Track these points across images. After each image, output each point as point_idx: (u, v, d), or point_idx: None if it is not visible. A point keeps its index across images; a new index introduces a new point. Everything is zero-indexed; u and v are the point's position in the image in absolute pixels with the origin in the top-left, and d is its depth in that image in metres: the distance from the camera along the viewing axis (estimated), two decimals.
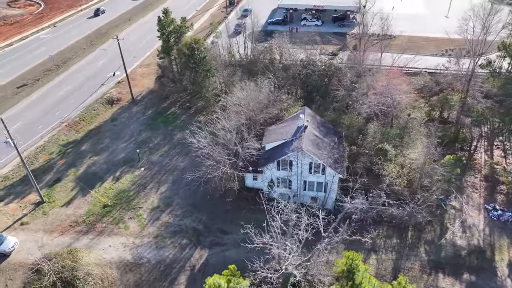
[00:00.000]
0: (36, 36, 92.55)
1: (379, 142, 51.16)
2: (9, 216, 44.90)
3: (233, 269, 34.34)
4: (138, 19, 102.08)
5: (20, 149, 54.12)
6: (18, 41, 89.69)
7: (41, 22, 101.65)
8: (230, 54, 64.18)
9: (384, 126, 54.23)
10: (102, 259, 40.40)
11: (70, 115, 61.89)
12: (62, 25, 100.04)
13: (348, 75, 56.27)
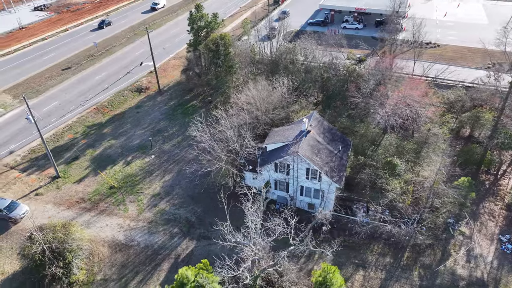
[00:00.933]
0: (90, 23, 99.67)
1: (391, 155, 48.72)
2: (27, 186, 49.40)
3: (206, 263, 35.05)
4: (184, 12, 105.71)
5: (50, 127, 59.45)
6: (73, 28, 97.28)
7: (97, 11, 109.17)
8: (252, 52, 64.38)
9: (401, 139, 51.59)
10: (97, 236, 43.13)
11: (100, 99, 66.19)
12: (115, 14, 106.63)
13: (370, 83, 53.98)
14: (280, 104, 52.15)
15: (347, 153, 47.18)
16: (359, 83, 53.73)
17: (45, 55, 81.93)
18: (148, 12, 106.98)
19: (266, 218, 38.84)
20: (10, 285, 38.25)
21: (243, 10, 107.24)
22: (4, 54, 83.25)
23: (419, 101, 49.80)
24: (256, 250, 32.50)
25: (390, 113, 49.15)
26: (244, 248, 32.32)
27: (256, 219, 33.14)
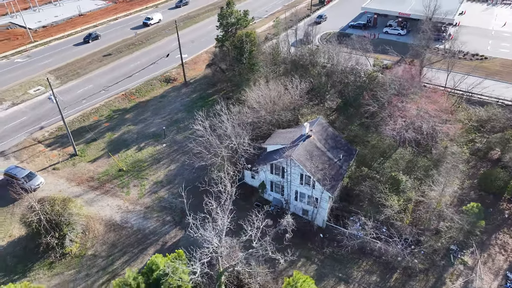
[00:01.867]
0: (137, 14, 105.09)
1: (399, 170, 46.13)
2: (48, 160, 53.78)
3: (180, 253, 35.98)
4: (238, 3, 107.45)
5: (78, 108, 63.95)
6: (123, 17, 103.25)
7: (147, 2, 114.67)
8: (275, 51, 63.96)
9: (415, 155, 48.62)
10: (96, 214, 45.95)
11: (130, 86, 69.84)
12: (163, 6, 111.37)
13: (389, 92, 51.33)
14: (290, 106, 51.48)
15: (348, 162, 45.48)
16: (377, 92, 51.31)
17: (91, 42, 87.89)
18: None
19: (251, 217, 38.78)
20: (14, 247, 42.10)
21: (285, 9, 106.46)
22: (58, 38, 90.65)
23: (437, 116, 46.47)
24: (215, 247, 32.67)
25: (403, 126, 46.47)
26: (204, 243, 32.62)
27: (223, 217, 33.26)
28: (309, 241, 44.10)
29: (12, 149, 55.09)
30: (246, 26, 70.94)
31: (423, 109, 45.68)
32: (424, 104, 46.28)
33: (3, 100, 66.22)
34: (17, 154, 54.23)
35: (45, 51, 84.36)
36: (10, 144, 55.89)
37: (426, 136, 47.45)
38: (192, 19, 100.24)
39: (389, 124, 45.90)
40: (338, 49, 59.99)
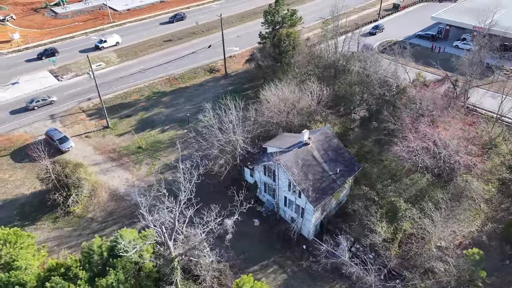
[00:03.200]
0: (209, 5, 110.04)
1: (404, 196, 42.46)
2: (84, 128, 60.32)
3: (150, 233, 38.21)
4: (297, 5, 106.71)
5: (124, 86, 70.07)
6: (194, 7, 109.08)
7: None
8: (311, 55, 62.26)
9: (431, 184, 44.14)
10: (106, 183, 50.58)
11: (175, 72, 74.26)
12: None
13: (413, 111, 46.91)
14: (306, 111, 50.24)
15: (346, 178, 43.08)
16: (400, 108, 47.29)
17: (159, 27, 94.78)
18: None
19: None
20: (33, 198, 48.47)
21: (353, 12, 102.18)
22: (133, 21, 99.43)
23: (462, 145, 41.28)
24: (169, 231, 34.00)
25: (416, 149, 42.34)
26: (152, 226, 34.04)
27: (174, 207, 34.36)
28: (289, 250, 43.22)
29: (61, 113, 62.88)
30: (293, 25, 70.15)
31: (445, 135, 41.00)
32: (450, 129, 41.47)
33: (69, 71, 75.44)
34: (62, 119, 61.80)
35: (118, 31, 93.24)
36: (60, 109, 63.81)
37: (443, 165, 42.65)
38: (257, 14, 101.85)
39: (399, 145, 42.14)
40: (376, 58, 56.36)
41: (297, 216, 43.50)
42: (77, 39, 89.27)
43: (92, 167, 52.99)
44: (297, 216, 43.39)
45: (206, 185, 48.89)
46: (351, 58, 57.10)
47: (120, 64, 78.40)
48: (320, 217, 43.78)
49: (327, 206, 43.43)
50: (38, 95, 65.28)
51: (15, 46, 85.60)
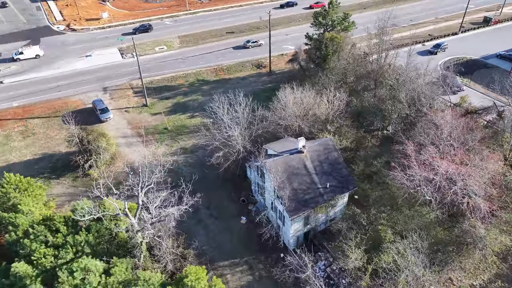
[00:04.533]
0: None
1: (397, 228, 38.80)
2: (127, 103, 66.31)
3: (133, 207, 41.30)
4: (373, 9, 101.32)
5: (173, 70, 74.84)
6: (266, 2, 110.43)
7: None
8: (350, 61, 58.94)
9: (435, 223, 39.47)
10: (126, 155, 55.35)
11: (223, 63, 76.89)
12: None
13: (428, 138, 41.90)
14: (318, 119, 48.41)
15: (336, 194, 40.72)
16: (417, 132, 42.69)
17: (225, 18, 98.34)
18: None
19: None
20: (66, 156, 54.92)
21: (435, 21, 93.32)
22: (207, 10, 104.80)
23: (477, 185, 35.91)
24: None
25: (420, 179, 38.04)
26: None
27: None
28: (265, 254, 42.69)
29: (113, 87, 70.01)
30: (346, 30, 67.33)
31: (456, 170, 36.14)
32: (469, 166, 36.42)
33: (133, 50, 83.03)
34: (112, 92, 68.79)
35: (189, 19, 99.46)
36: (114, 83, 71.01)
37: (449, 203, 37.67)
38: None
39: (398, 171, 38.28)
40: (416, 74, 51.41)
41: (281, 222, 42.66)
42: (152, 22, 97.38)
43: (120, 139, 58.40)
44: (281, 222, 42.53)
45: (206, 174, 50.95)
46: (387, 70, 52.86)
47: (179, 49, 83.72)
48: (302, 229, 42.27)
49: (311, 219, 41.67)
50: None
51: (101, 24, 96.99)
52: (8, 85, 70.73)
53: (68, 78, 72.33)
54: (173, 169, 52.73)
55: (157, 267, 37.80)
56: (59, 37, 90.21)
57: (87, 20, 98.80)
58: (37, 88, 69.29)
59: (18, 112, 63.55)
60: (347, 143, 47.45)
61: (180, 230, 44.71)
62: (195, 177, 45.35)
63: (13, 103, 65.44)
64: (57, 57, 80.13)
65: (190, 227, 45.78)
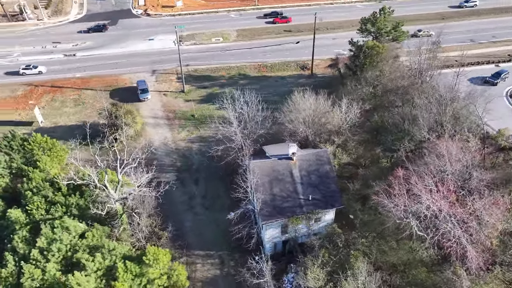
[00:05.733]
0: (353, 4, 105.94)
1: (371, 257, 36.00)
2: (168, 87, 70.62)
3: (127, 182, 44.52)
4: (453, 20, 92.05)
5: (219, 61, 77.39)
6: (338, 3, 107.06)
7: None
8: (384, 72, 54.69)
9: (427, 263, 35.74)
10: (150, 134, 59.52)
11: (269, 60, 77.24)
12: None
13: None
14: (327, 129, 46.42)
15: (317, 209, 38.96)
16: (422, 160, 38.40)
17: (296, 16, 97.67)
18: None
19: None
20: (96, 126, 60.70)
21: (494, 44, 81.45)
22: (275, 7, 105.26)
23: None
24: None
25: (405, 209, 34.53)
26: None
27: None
28: (241, 254, 42.69)
29: (161, 71, 75.03)
30: (397, 39, 62.82)
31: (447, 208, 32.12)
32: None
33: (192, 38, 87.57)
34: (158, 75, 73.84)
35: (254, 14, 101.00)
36: (163, 67, 75.99)
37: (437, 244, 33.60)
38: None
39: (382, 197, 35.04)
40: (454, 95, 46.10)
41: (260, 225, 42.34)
42: (219, 14, 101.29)
43: (150, 118, 62.85)
44: (260, 225, 42.20)
45: (211, 165, 52.51)
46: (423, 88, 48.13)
47: (233, 42, 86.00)
48: (280, 237, 41.39)
49: (290, 229, 40.49)
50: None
51: (173, 11, 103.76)
52: (79, 58, 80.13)
53: (126, 57, 79.32)
54: (186, 155, 55.54)
55: (130, 242, 40.45)
56: (134, 20, 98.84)
57: (162, 7, 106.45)
58: (99, 63, 77.35)
59: (77, 82, 71.94)
60: (349, 159, 44.74)
61: (169, 213, 47.24)
62: (195, 167, 47.18)
63: (76, 74, 74.20)
64: (126, 37, 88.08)
65: (180, 212, 47.93)
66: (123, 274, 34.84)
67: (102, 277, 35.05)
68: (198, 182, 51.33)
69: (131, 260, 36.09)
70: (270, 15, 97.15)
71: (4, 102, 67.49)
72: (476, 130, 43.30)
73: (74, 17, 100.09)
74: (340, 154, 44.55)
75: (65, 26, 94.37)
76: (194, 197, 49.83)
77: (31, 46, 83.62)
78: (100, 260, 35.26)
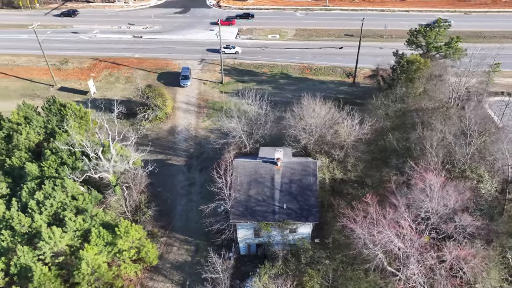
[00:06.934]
0: (434, 13, 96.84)
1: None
2: (209, 76, 73.33)
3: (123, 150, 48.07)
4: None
5: (266, 58, 77.81)
6: (428, 12, 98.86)
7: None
8: (414, 90, 49.53)
9: None
10: (177, 118, 62.92)
11: (317, 63, 75.48)
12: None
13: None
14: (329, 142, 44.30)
15: (289, 219, 37.78)
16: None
17: (354, 20, 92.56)
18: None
19: None
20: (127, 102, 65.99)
21: None
22: (345, 9, 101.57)
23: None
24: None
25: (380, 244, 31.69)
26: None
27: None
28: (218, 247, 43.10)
29: (208, 60, 78.11)
30: (450, 56, 56.56)
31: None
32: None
33: (249, 33, 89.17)
34: (205, 64, 77.04)
35: (320, 14, 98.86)
36: (212, 57, 78.94)
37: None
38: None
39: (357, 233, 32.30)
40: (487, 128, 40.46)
41: None
42: (285, 11, 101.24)
43: (183, 104, 66.33)
44: None
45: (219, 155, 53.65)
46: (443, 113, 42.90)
47: (289, 41, 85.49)
48: (253, 239, 41.04)
49: (264, 233, 39.85)
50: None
51: (243, 5, 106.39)
52: (144, 40, 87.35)
53: (184, 44, 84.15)
54: (201, 143, 57.74)
55: (118, 212, 43.78)
56: (205, 10, 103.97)
57: (235, 0, 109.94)
58: (158, 46, 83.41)
59: (134, 61, 78.67)
60: (340, 174, 42.13)
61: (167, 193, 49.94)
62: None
63: (135, 54, 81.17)
64: (191, 25, 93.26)
65: (176, 195, 50.20)
66: (96, 238, 38.23)
67: (79, 237, 38.92)
68: (203, 171, 52.92)
69: (107, 229, 39.35)
70: None
71: (72, 72, 77.01)
72: (496, 171, 37.32)
73: (155, 3, 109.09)
74: (334, 168, 42.26)
75: (144, 10, 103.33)
76: (194, 184, 51.69)
77: (109, 25, 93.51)
78: (81, 221, 39.10)
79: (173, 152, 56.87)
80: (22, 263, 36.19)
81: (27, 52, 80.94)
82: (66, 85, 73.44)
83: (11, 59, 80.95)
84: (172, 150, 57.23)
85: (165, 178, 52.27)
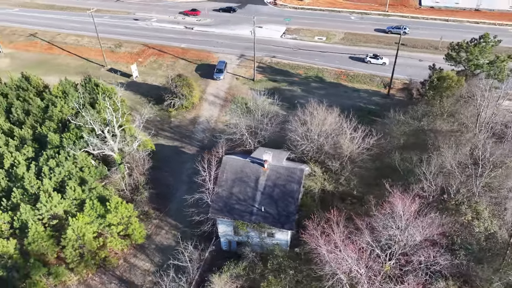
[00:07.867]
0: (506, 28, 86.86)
1: None
2: (243, 73, 74.22)
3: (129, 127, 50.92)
4: None
5: (303, 60, 76.82)
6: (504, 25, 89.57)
7: None
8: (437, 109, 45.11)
9: None
10: (200, 109, 64.99)
11: (355, 69, 72.56)
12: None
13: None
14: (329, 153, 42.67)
15: (264, 223, 37.44)
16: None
17: (413, 29, 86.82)
18: None
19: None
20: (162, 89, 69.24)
21: None
22: (397, 15, 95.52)
23: None
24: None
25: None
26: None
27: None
28: (204, 239, 44.03)
29: (247, 57, 78.85)
30: (493, 76, 50.95)
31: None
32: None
33: (296, 33, 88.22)
34: (243, 60, 78.13)
35: (375, 19, 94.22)
36: (252, 54, 79.59)
37: None
38: None
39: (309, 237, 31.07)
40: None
41: None
42: (340, 14, 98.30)
43: (211, 96, 68.27)
44: None
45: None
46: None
47: (335, 44, 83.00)
48: (232, 236, 41.28)
49: (242, 232, 39.87)
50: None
51: (299, 5, 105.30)
52: (194, 32, 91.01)
53: (229, 39, 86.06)
54: (216, 136, 59.06)
55: (119, 189, 46.79)
56: (260, 7, 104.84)
57: None
58: (205, 39, 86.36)
59: (178, 51, 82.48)
60: (331, 187, 40.29)
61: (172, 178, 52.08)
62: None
63: (181, 44, 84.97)
64: (242, 21, 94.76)
65: (180, 181, 52.09)
66: (89, 209, 41.50)
67: (76, 206, 42.53)
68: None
69: (102, 203, 42.43)
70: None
71: (123, 55, 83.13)
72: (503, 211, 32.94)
73: None
74: (325, 179, 40.65)
75: (202, 3, 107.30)
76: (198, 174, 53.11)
77: (166, 15, 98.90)
78: (80, 192, 42.72)
79: (188, 141, 59.02)
80: (23, 219, 40.65)
81: (90, 34, 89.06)
82: (115, 67, 79.45)
83: (76, 39, 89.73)
84: (189, 139, 59.40)
85: (176, 165, 54.56)
